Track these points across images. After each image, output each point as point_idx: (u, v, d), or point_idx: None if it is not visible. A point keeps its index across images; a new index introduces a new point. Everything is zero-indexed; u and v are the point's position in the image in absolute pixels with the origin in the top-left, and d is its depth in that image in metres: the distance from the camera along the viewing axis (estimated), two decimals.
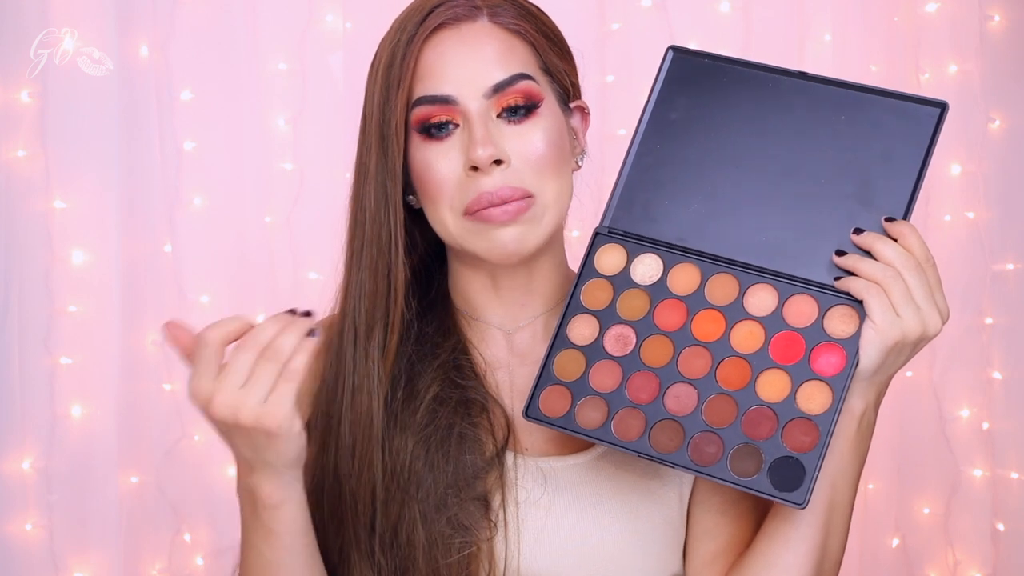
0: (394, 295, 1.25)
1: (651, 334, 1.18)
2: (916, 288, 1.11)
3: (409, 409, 1.25)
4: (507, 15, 1.24)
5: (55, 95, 2.00)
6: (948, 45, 2.15)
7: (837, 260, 1.14)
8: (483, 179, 1.20)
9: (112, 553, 2.05)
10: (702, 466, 1.13)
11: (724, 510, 1.27)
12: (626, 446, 1.15)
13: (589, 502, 1.24)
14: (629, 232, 1.22)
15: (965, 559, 2.20)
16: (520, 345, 1.31)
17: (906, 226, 1.13)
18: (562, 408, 1.18)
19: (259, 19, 2.10)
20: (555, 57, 1.27)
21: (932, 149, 1.16)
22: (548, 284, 1.31)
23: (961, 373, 2.19)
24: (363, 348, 1.25)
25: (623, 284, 1.21)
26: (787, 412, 1.13)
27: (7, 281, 2.00)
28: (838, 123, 1.18)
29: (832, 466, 1.17)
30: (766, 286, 1.17)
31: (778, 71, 1.20)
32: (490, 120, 1.21)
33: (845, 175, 1.16)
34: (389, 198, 1.23)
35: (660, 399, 1.16)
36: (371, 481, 1.23)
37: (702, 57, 1.23)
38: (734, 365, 1.15)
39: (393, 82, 1.22)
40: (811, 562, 1.19)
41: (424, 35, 1.22)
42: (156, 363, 2.10)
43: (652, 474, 1.26)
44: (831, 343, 1.14)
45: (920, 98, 1.17)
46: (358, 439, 1.24)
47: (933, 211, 2.18)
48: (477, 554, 1.21)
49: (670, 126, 1.22)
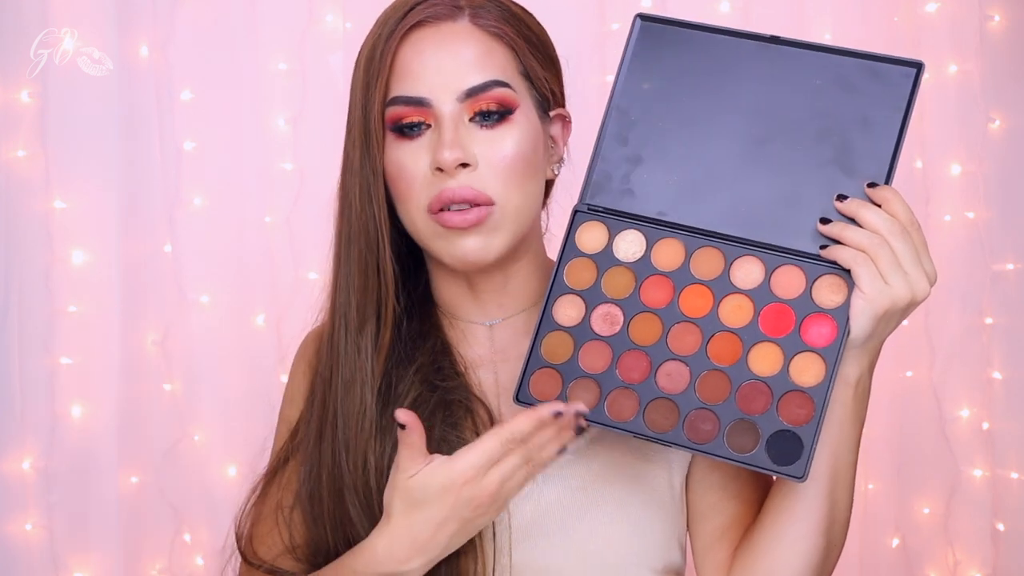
0: (385, 289, 1.25)
1: (639, 312, 1.17)
2: (903, 254, 1.11)
3: (389, 413, 1.24)
4: (489, 17, 1.24)
5: (55, 95, 2.00)
6: (948, 45, 2.15)
7: (822, 228, 1.14)
8: (448, 180, 1.20)
9: (112, 553, 2.05)
10: (699, 444, 1.13)
11: (724, 485, 1.27)
12: (621, 427, 1.15)
13: (579, 490, 1.24)
14: (609, 208, 1.20)
15: (965, 559, 2.19)
16: (501, 341, 1.31)
17: (889, 191, 1.13)
18: (553, 391, 1.17)
19: (259, 19, 2.10)
20: (536, 63, 1.26)
21: (910, 111, 1.15)
22: (526, 285, 1.31)
23: (961, 373, 2.18)
24: (355, 342, 1.25)
25: (606, 262, 1.19)
26: (781, 385, 1.13)
27: (7, 281, 2.00)
28: (813, 87, 1.17)
29: (832, 436, 1.17)
30: (752, 258, 1.16)
31: (750, 36, 1.19)
32: (462, 123, 1.21)
33: (823, 140, 1.16)
34: (373, 193, 1.23)
35: (652, 378, 1.15)
36: (366, 475, 1.23)
37: (671, 24, 1.21)
38: (725, 340, 1.15)
39: (372, 78, 1.23)
40: (819, 531, 1.19)
41: (402, 32, 1.22)
42: (156, 363, 2.10)
43: (641, 458, 1.26)
44: (821, 314, 1.13)
45: (895, 58, 1.16)
46: (353, 433, 1.24)
47: (933, 211, 2.17)
48: (465, 552, 1.20)
49: (643, 96, 1.21)
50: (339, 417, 1.25)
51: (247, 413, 2.08)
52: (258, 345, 2.12)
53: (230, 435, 2.10)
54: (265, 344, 2.12)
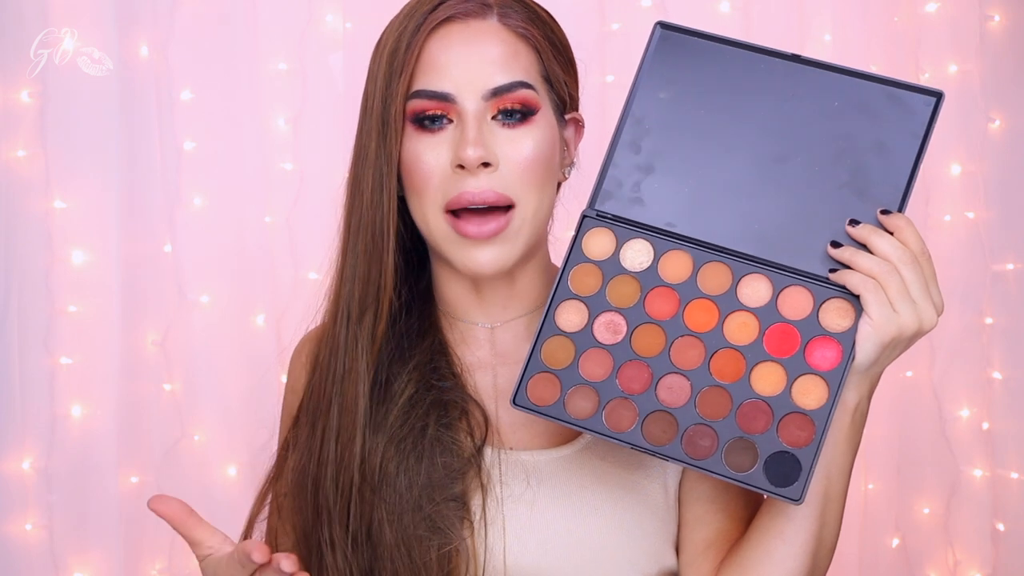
0: (384, 281, 1.24)
1: (642, 322, 1.17)
2: (912, 283, 1.11)
3: (383, 410, 1.24)
4: (517, 18, 1.24)
5: (55, 95, 2.00)
6: (948, 45, 2.15)
7: (832, 252, 1.14)
8: (468, 179, 1.20)
9: (112, 553, 2.05)
10: (696, 459, 1.12)
11: (713, 497, 1.26)
12: (618, 437, 1.14)
13: (573, 495, 1.24)
14: (617, 216, 1.19)
15: (965, 559, 2.20)
16: (502, 344, 1.31)
17: (902, 219, 1.12)
18: (551, 397, 1.16)
19: (259, 19, 2.10)
20: (558, 67, 1.26)
21: (928, 140, 1.14)
22: (531, 288, 1.31)
23: (961, 373, 2.19)
24: (354, 332, 1.25)
25: (612, 270, 1.18)
26: (782, 406, 1.12)
27: (7, 281, 2.00)
28: (831, 109, 1.16)
29: (827, 458, 1.17)
30: (760, 276, 1.16)
31: (771, 53, 1.18)
32: (484, 122, 1.21)
33: (839, 163, 1.15)
34: (385, 184, 1.23)
35: (652, 390, 1.14)
36: (350, 469, 1.23)
37: (691, 34, 1.20)
38: (728, 357, 1.14)
39: (396, 70, 1.22)
40: (806, 552, 1.19)
41: (431, 26, 1.22)
42: (156, 363, 2.10)
43: (636, 466, 1.26)
44: (826, 337, 1.13)
45: (916, 86, 1.15)
46: (343, 424, 1.24)
47: (933, 211, 2.17)
48: (457, 553, 1.20)
49: (658, 105, 1.20)
50: (332, 407, 1.25)
51: (247, 413, 2.08)
52: (258, 345, 2.12)
53: (230, 435, 2.10)
54: (265, 344, 2.12)
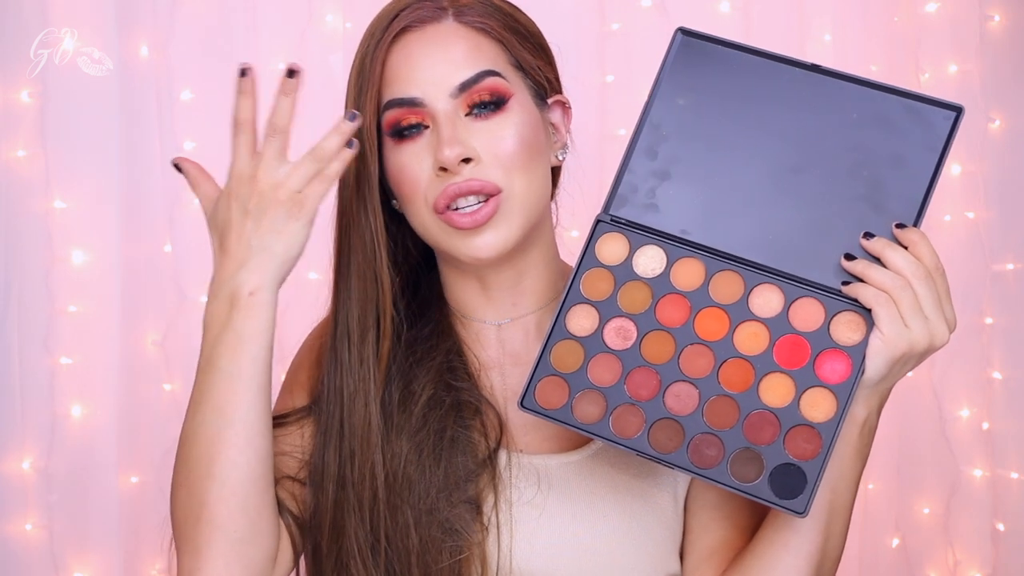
0: (383, 300, 1.25)
1: (652, 329, 1.16)
2: (925, 299, 1.10)
3: (405, 412, 1.25)
4: (473, 14, 1.25)
5: (55, 95, 1.99)
6: (948, 45, 2.15)
7: (846, 265, 1.13)
8: (453, 178, 1.20)
9: (112, 553, 2.05)
10: (702, 468, 1.12)
11: (718, 505, 1.26)
12: (624, 443, 1.14)
13: (582, 501, 1.24)
14: (631, 221, 1.19)
15: (965, 559, 2.20)
16: (512, 344, 1.31)
17: (917, 233, 1.12)
18: (559, 400, 1.16)
19: (259, 19, 2.10)
20: (527, 53, 1.26)
21: (946, 154, 1.13)
22: (538, 282, 1.31)
23: (961, 373, 2.18)
24: (358, 352, 1.25)
25: (624, 275, 1.18)
26: (790, 418, 1.12)
27: (7, 281, 2.00)
28: (850, 120, 1.15)
29: (833, 472, 1.16)
30: (772, 287, 1.15)
31: (791, 62, 1.17)
32: (458, 119, 1.21)
33: (855, 175, 1.14)
34: (368, 203, 1.24)
35: (660, 397, 1.14)
36: (373, 487, 1.23)
37: (712, 42, 1.20)
38: (737, 366, 1.14)
39: (363, 87, 1.23)
40: (810, 564, 1.19)
41: (390, 38, 1.23)
42: (156, 363, 2.09)
43: (646, 473, 1.26)
44: (837, 350, 1.12)
45: (936, 100, 1.14)
46: (358, 446, 1.23)
47: (933, 211, 2.16)
48: (469, 556, 1.20)
49: (676, 112, 1.19)
50: (345, 428, 1.25)
51: None
52: None
53: None
54: None
